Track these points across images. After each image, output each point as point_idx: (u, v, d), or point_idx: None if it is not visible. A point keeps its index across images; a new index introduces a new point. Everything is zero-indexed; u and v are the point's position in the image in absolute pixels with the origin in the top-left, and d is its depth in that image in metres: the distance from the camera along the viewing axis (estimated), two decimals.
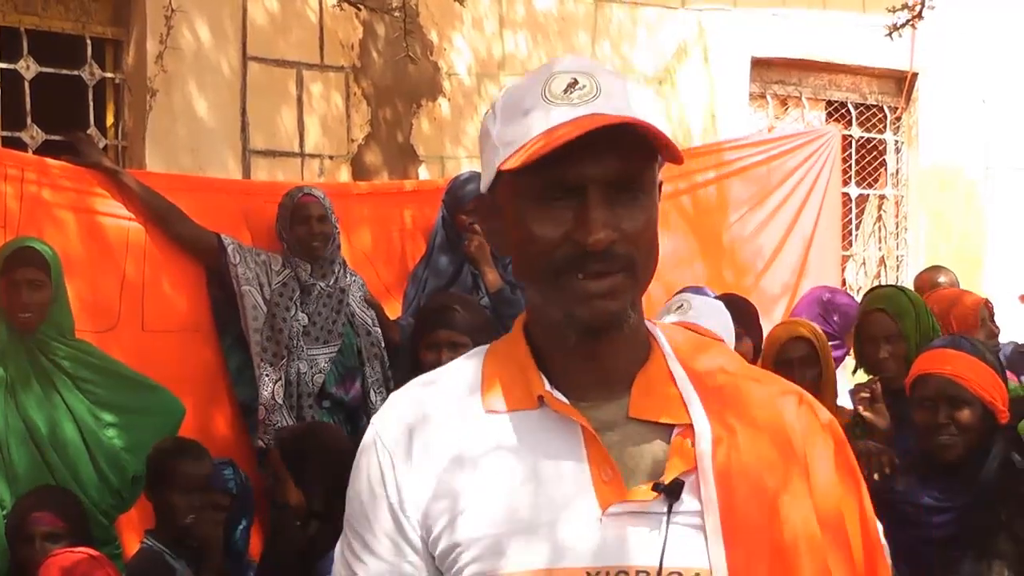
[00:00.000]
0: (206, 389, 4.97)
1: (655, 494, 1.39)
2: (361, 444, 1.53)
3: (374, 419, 1.54)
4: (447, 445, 1.46)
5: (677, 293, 5.29)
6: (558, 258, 1.42)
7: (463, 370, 1.54)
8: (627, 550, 1.39)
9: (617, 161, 1.42)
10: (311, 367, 4.95)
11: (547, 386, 1.46)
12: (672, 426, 1.46)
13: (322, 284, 5.03)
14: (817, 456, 1.49)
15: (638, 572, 1.38)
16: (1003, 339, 5.49)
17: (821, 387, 4.44)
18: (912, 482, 3.50)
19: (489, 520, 1.41)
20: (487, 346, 1.57)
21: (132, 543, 4.47)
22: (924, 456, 3.53)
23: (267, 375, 4.90)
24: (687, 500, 1.40)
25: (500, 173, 1.47)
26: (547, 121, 1.42)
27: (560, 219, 1.42)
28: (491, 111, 1.51)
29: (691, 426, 1.45)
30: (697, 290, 4.94)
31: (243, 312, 4.93)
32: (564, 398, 1.45)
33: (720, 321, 3.67)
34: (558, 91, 1.44)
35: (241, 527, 4.62)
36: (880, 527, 1.57)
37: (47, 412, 4.21)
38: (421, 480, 1.46)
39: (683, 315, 3.60)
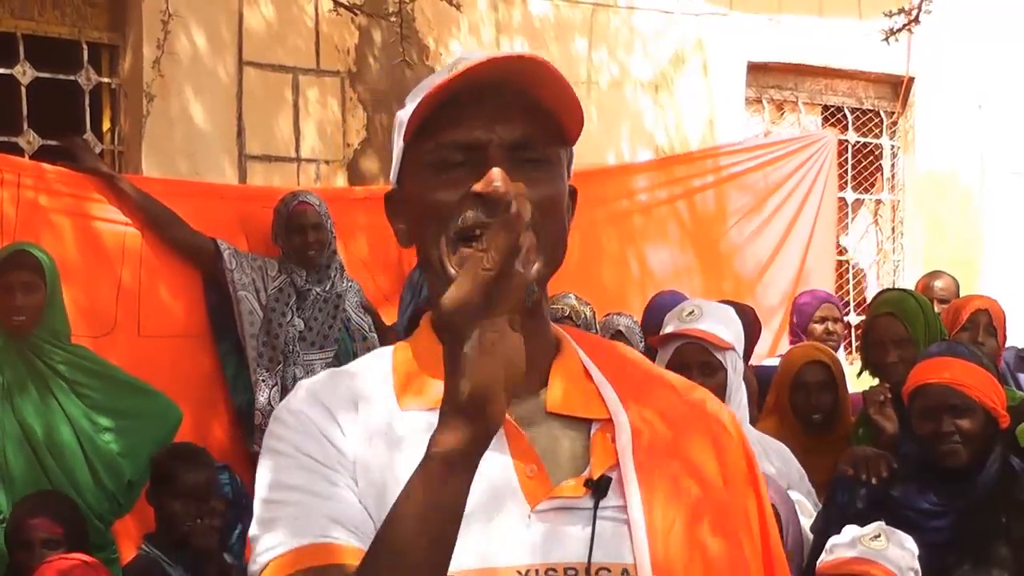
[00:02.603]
0: (202, 394, 4.97)
1: (585, 490, 1.37)
2: (274, 419, 1.45)
3: (282, 402, 1.47)
4: (364, 434, 1.40)
5: (656, 294, 5.33)
6: (455, 225, 1.37)
7: (374, 368, 1.49)
8: (556, 547, 1.36)
9: (519, 124, 1.38)
10: (307, 372, 4.94)
11: None
12: (589, 421, 1.43)
13: (318, 289, 5.02)
14: (725, 451, 1.49)
15: (567, 569, 1.36)
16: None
17: (837, 411, 4.43)
18: (910, 487, 3.49)
19: None
20: (393, 345, 1.53)
21: (129, 548, 4.46)
22: (926, 463, 3.52)
23: (263, 380, 4.89)
24: (611, 495, 1.38)
25: (405, 154, 1.44)
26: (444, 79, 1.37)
27: (459, 181, 1.38)
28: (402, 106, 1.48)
29: (610, 420, 1.43)
30: (673, 295, 4.94)
31: (239, 317, 4.93)
32: None
33: (732, 328, 3.62)
34: (463, 68, 1.38)
35: (237, 532, 4.61)
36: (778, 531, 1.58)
37: (43, 416, 4.20)
38: (345, 444, 1.39)
39: (693, 321, 3.55)
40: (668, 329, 3.61)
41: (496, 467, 1.37)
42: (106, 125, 5.91)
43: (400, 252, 5.54)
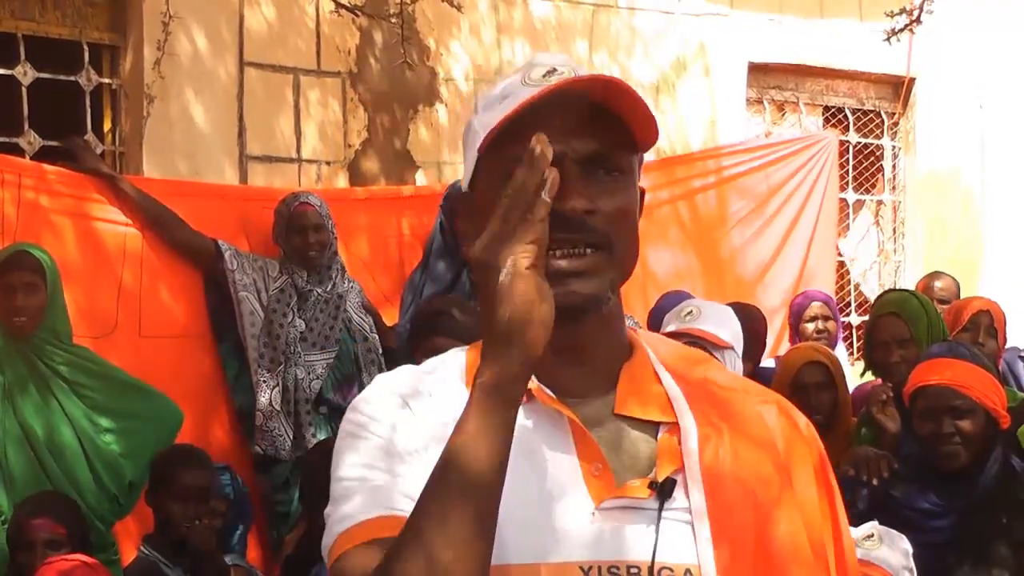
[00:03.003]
0: (203, 395, 4.97)
1: (649, 491, 1.39)
2: (350, 411, 1.47)
3: (359, 396, 1.50)
4: (439, 428, 1.40)
5: (664, 295, 5.32)
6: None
7: (449, 364, 1.52)
8: (619, 545, 1.38)
9: (593, 138, 1.39)
10: (308, 373, 4.94)
11: (534, 381, 1.42)
12: (657, 424, 1.45)
13: (319, 290, 5.02)
14: (798, 461, 1.49)
15: (629, 567, 1.37)
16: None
17: (837, 411, 4.44)
18: (911, 487, 3.49)
19: None
20: (469, 345, 1.54)
21: (130, 550, 4.46)
22: (927, 464, 3.52)
23: (264, 381, 4.89)
24: (677, 497, 1.40)
25: (479, 163, 1.45)
26: (522, 97, 1.39)
27: None
28: (474, 106, 1.50)
29: (677, 424, 1.44)
30: (679, 295, 4.94)
31: (240, 318, 4.93)
32: (551, 394, 1.44)
33: (730, 328, 3.64)
34: (537, 77, 1.42)
35: (239, 533, 4.62)
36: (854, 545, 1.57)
37: (44, 417, 4.20)
38: (418, 436, 1.42)
39: (692, 321, 3.57)
40: (668, 329, 3.63)
41: (561, 465, 1.40)
42: (107, 126, 5.91)
43: (401, 253, 5.54)
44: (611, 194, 1.41)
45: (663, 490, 1.39)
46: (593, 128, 1.40)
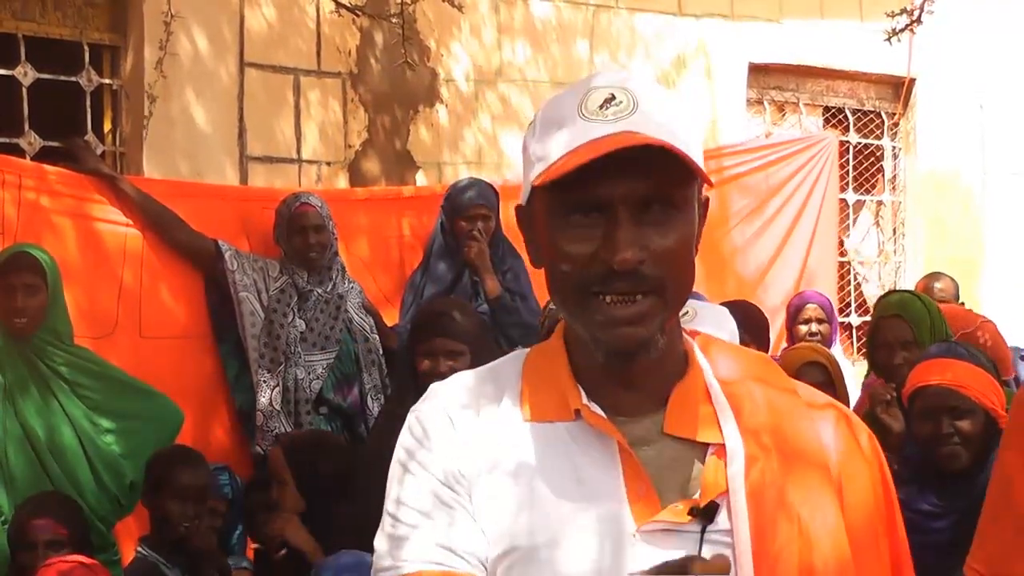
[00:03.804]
0: (203, 395, 4.97)
1: (690, 517, 1.40)
2: (406, 427, 1.53)
3: (415, 407, 1.54)
4: (486, 444, 1.46)
5: None
6: (585, 278, 1.41)
7: (503, 373, 1.54)
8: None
9: (646, 180, 1.40)
10: (309, 373, 4.94)
11: (584, 399, 1.46)
12: (706, 445, 1.46)
13: (320, 290, 5.02)
14: (853, 478, 1.50)
15: None
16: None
17: None
18: (911, 488, 3.49)
19: (523, 528, 1.42)
20: (527, 351, 1.57)
21: (131, 550, 4.46)
22: (927, 465, 3.52)
23: (265, 381, 4.89)
24: (719, 520, 1.41)
25: (534, 190, 1.46)
26: (579, 137, 1.40)
27: (588, 237, 1.41)
28: (532, 123, 1.50)
29: (725, 446, 1.45)
30: (692, 296, 4.93)
31: (240, 318, 4.93)
32: (601, 412, 1.45)
33: (726, 329, 3.63)
34: (594, 107, 1.42)
35: (237, 533, 4.62)
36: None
37: (45, 418, 4.20)
38: (465, 459, 1.46)
39: (689, 322, 3.56)
40: None
41: (606, 485, 1.42)
42: (107, 126, 5.91)
43: (401, 254, 5.54)
44: (664, 233, 1.42)
45: (705, 514, 1.40)
46: (647, 168, 1.39)
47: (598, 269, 1.40)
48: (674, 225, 1.43)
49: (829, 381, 4.48)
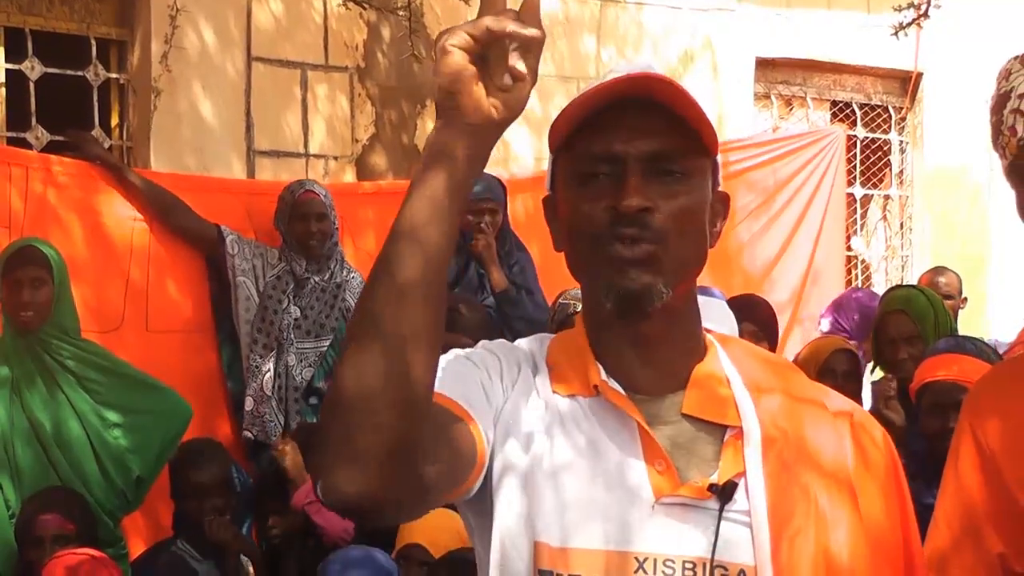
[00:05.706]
0: (210, 389, 4.98)
1: (709, 493, 1.43)
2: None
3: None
4: (518, 397, 1.52)
5: None
6: (597, 227, 1.46)
7: (532, 348, 1.60)
8: (677, 541, 1.43)
9: (657, 138, 1.46)
10: (300, 361, 4.94)
11: (603, 375, 1.50)
12: (724, 427, 1.49)
13: (317, 278, 5.02)
14: (867, 478, 1.52)
15: (685, 563, 1.42)
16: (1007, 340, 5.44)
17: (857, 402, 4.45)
18: (918, 483, 3.48)
19: (546, 494, 1.44)
20: (550, 335, 1.63)
21: (138, 545, 4.47)
22: (934, 459, 3.51)
23: (257, 367, 4.89)
24: (737, 499, 1.44)
25: (554, 164, 1.53)
26: (596, 84, 1.48)
27: (602, 192, 1.47)
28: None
29: (742, 429, 1.48)
30: (704, 290, 4.92)
31: (236, 303, 4.95)
32: (620, 389, 1.49)
33: (726, 324, 3.62)
34: (599, 84, 1.48)
35: (246, 525, 4.63)
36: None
37: (52, 411, 4.20)
38: (503, 400, 1.51)
39: None
40: None
41: (626, 459, 1.46)
42: (114, 121, 5.92)
43: None
44: (672, 195, 1.47)
45: (723, 493, 1.43)
46: (659, 129, 1.46)
47: (607, 216, 1.45)
48: (684, 190, 1.48)
49: (856, 370, 4.51)
